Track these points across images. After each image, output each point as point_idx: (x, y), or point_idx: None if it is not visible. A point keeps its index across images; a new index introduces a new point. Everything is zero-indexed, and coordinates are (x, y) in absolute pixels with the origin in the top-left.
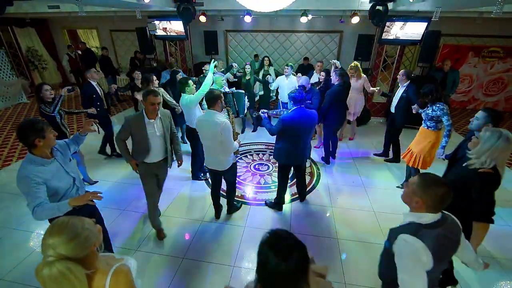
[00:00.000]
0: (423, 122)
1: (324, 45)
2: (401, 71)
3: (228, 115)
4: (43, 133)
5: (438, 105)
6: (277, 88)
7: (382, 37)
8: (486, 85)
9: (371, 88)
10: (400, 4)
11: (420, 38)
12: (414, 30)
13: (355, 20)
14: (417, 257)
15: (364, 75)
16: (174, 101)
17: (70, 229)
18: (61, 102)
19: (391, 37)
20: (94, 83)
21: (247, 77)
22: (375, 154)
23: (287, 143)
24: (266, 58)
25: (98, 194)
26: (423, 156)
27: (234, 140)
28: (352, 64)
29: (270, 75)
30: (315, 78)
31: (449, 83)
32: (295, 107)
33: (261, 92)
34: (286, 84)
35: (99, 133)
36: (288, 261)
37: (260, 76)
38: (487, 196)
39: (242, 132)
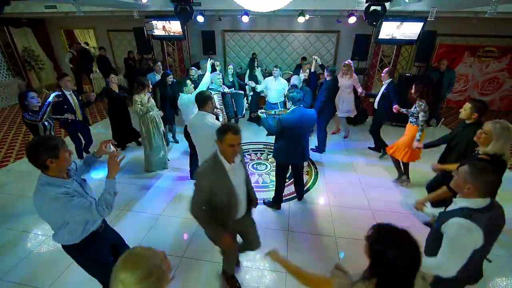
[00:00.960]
0: (411, 122)
1: (322, 45)
2: (385, 69)
3: (221, 116)
4: (56, 152)
5: (419, 102)
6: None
7: (379, 37)
8: (481, 84)
9: (359, 90)
10: (396, 4)
11: (416, 38)
12: (411, 30)
13: (352, 20)
14: (467, 239)
15: (355, 75)
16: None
17: (146, 265)
18: (49, 110)
19: (387, 37)
20: (67, 93)
21: (230, 79)
22: (370, 148)
23: (287, 142)
24: (255, 59)
25: (119, 156)
26: (410, 149)
27: None
28: (346, 62)
29: (251, 82)
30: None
31: (445, 82)
32: (294, 107)
33: (251, 93)
34: (274, 86)
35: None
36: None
37: (246, 77)
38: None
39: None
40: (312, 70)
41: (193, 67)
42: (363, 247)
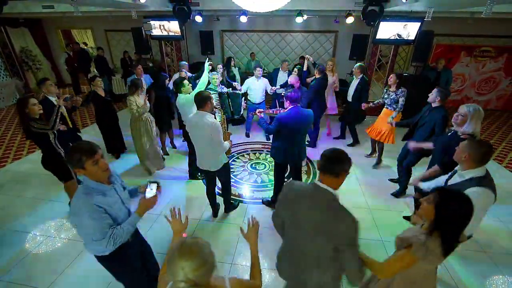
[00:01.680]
0: (386, 106)
1: (319, 45)
2: (356, 65)
3: (218, 115)
4: (81, 164)
5: (401, 89)
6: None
7: (376, 37)
8: (478, 84)
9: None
10: (393, 4)
11: (413, 38)
12: (408, 30)
13: (350, 20)
14: (486, 203)
15: (336, 73)
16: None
17: (202, 253)
18: (59, 115)
19: (385, 37)
20: (52, 98)
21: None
22: (335, 138)
23: (284, 142)
24: (231, 59)
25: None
26: (392, 132)
27: (225, 140)
28: (330, 61)
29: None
30: (282, 77)
31: (442, 82)
32: (291, 106)
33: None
34: (257, 86)
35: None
36: None
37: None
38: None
39: (247, 136)
40: (304, 69)
41: (183, 69)
42: (425, 209)
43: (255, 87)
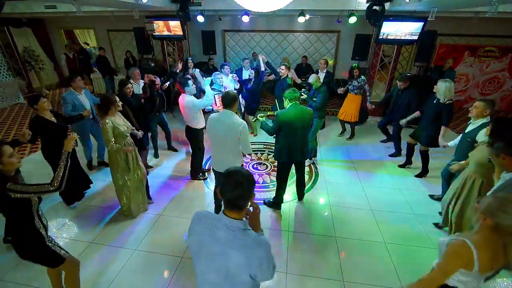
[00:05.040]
0: (350, 91)
1: (322, 44)
2: (322, 60)
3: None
4: None
5: (361, 78)
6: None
7: (379, 37)
8: (482, 84)
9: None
10: (396, 4)
11: (416, 38)
12: (411, 30)
13: (352, 20)
14: None
15: (292, 70)
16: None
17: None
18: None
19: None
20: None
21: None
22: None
23: (287, 140)
24: (190, 60)
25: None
26: (356, 112)
27: None
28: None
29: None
30: (245, 75)
31: None
32: (290, 103)
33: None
34: (226, 82)
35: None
36: None
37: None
38: (450, 115)
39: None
40: (262, 69)
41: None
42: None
43: (225, 84)
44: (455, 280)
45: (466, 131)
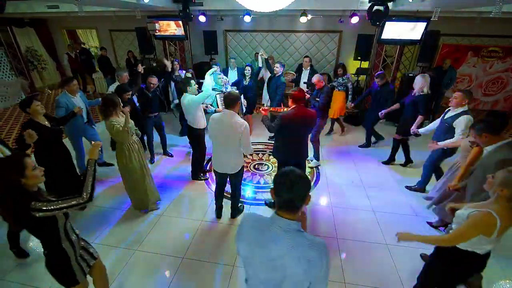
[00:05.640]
0: (336, 88)
1: (324, 45)
2: (306, 58)
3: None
4: None
5: (346, 75)
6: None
7: (382, 37)
8: (485, 84)
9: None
10: (399, 4)
11: (419, 38)
12: (414, 30)
13: (355, 20)
14: (470, 123)
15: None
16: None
17: None
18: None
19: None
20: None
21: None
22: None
23: (285, 141)
24: (175, 62)
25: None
26: (338, 108)
27: None
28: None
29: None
30: (232, 75)
31: (446, 79)
32: (294, 106)
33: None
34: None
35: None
36: None
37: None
38: (426, 105)
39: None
40: (260, 65)
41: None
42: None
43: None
44: (467, 243)
45: (445, 117)
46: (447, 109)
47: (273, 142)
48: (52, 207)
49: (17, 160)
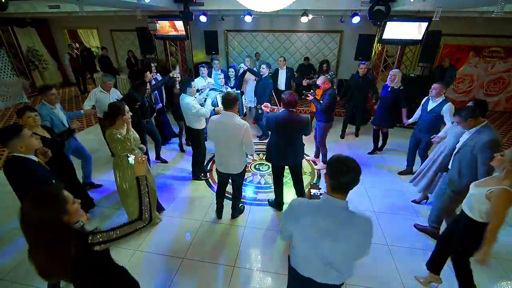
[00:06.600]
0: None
1: (325, 45)
2: (280, 58)
3: None
4: None
5: (331, 72)
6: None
7: (383, 37)
8: (487, 85)
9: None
10: (400, 4)
11: (421, 38)
12: (415, 30)
13: (356, 20)
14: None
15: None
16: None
17: None
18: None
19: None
20: (32, 157)
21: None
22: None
23: (272, 142)
24: (152, 65)
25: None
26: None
27: None
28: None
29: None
30: (214, 76)
31: (446, 78)
32: (282, 109)
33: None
34: (201, 84)
35: None
36: None
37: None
38: (406, 98)
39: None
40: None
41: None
42: None
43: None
44: (485, 216)
45: (429, 108)
46: (425, 99)
47: (261, 141)
48: (115, 236)
49: (54, 194)
